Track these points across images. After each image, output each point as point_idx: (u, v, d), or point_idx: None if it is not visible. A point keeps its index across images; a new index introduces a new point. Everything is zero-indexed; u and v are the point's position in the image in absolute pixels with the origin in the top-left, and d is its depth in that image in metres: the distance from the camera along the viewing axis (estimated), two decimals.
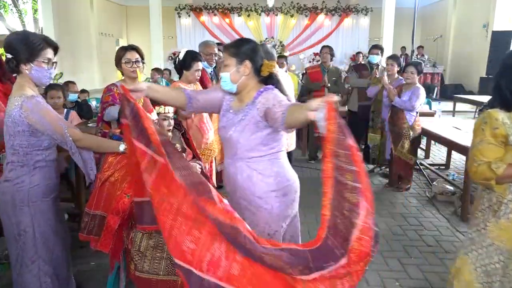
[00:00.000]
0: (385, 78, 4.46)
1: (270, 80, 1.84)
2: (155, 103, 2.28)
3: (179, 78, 3.24)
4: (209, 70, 4.18)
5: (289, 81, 4.03)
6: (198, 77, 3.20)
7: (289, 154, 3.47)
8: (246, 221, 1.79)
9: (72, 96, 4.38)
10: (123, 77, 2.66)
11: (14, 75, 1.98)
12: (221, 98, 1.94)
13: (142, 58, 2.60)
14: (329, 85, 5.23)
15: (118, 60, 2.58)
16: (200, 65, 3.13)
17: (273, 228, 1.87)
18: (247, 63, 1.78)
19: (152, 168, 1.61)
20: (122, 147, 2.02)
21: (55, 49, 1.97)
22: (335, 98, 1.40)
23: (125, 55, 2.55)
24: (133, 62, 2.53)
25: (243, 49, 1.79)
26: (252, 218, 1.83)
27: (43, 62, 1.90)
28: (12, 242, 2.01)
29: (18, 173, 1.94)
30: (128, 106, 1.67)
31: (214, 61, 4.14)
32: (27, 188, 1.95)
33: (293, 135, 3.52)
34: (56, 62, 2.00)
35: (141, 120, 1.62)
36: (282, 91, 1.83)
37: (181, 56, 3.09)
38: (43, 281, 2.05)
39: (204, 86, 3.73)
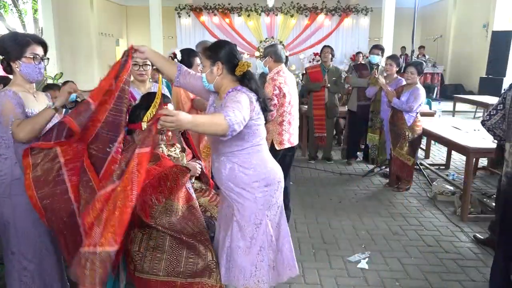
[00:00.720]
0: (381, 79, 4.47)
1: (244, 79, 1.94)
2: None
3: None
4: None
5: (293, 80, 4.05)
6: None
7: (291, 149, 3.44)
8: (237, 214, 1.93)
9: (71, 96, 4.36)
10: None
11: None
12: (208, 90, 2.07)
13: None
14: (329, 85, 5.24)
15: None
16: (198, 60, 3.14)
17: (259, 217, 1.99)
18: (219, 64, 1.92)
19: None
20: (49, 104, 2.03)
21: (43, 46, 2.03)
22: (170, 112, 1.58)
23: (134, 58, 2.54)
24: (140, 65, 2.53)
25: (215, 51, 1.94)
26: (241, 210, 1.99)
27: (30, 58, 1.95)
28: (1, 232, 2.07)
29: (2, 165, 1.99)
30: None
31: None
32: (9, 181, 1.99)
33: (293, 130, 3.47)
34: (48, 59, 2.05)
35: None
36: (255, 90, 1.93)
37: (178, 56, 3.08)
38: (23, 274, 2.07)
39: None
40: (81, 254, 1.61)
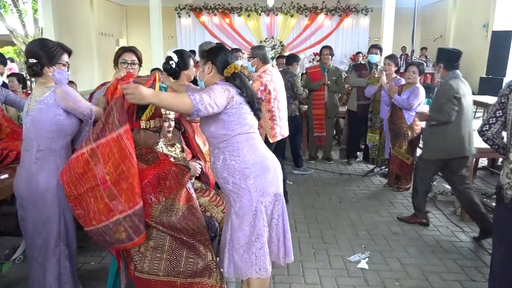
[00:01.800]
0: (383, 77, 4.48)
1: (233, 79, 2.06)
2: None
3: (176, 79, 3.14)
4: None
5: (280, 77, 4.08)
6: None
7: (280, 142, 3.72)
8: (234, 204, 2.05)
9: None
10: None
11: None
12: None
13: (139, 60, 2.64)
14: (329, 83, 5.24)
15: (116, 59, 2.64)
16: (191, 61, 3.13)
17: (253, 204, 2.02)
18: (210, 64, 2.08)
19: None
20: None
21: (69, 54, 2.23)
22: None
23: (122, 55, 2.60)
24: (128, 63, 2.58)
25: (208, 53, 2.13)
26: (236, 200, 2.03)
27: (62, 64, 2.16)
28: (42, 226, 2.13)
29: (46, 159, 2.10)
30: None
31: None
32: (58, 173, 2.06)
33: (283, 123, 3.65)
34: (69, 64, 2.23)
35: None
36: (239, 86, 2.03)
37: (175, 58, 2.98)
38: (62, 265, 2.19)
39: None
40: (112, 222, 1.92)
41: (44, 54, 2.09)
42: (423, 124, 4.33)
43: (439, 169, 3.48)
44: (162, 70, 2.90)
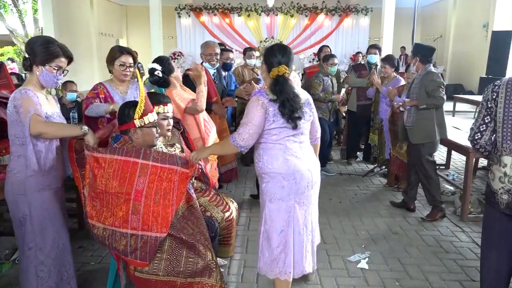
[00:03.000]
0: (376, 79, 4.52)
1: (275, 82, 2.14)
2: (155, 103, 2.28)
3: (168, 87, 3.06)
4: (212, 71, 4.16)
5: (297, 78, 4.17)
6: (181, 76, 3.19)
7: None
8: (260, 197, 2.31)
9: (70, 95, 4.38)
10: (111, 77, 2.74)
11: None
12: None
13: (135, 63, 2.69)
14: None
15: (112, 60, 2.66)
16: (174, 64, 3.15)
17: (265, 200, 2.22)
18: (264, 64, 2.23)
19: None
20: (84, 128, 2.08)
21: (69, 59, 2.12)
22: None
23: (120, 58, 2.64)
24: (127, 66, 2.60)
25: (264, 52, 2.24)
26: (261, 194, 2.29)
27: (53, 68, 2.04)
28: (17, 228, 2.12)
29: (16, 163, 2.04)
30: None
31: (215, 61, 4.06)
32: (23, 178, 2.03)
33: None
34: (67, 71, 2.12)
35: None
36: (279, 97, 2.11)
37: (158, 68, 2.94)
38: (39, 269, 2.12)
39: (208, 87, 3.73)
40: (120, 232, 1.96)
41: (38, 52, 2.01)
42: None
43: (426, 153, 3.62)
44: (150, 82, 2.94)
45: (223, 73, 4.36)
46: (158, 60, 3.05)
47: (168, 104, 2.37)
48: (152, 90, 2.90)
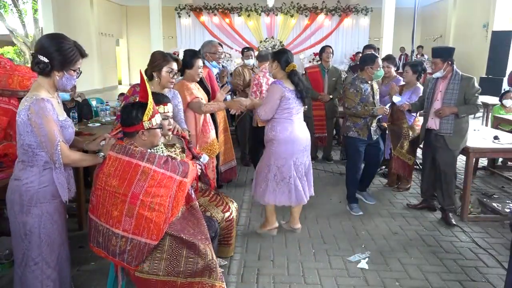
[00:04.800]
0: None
1: (291, 74, 3.09)
2: (156, 103, 2.28)
3: (182, 77, 3.27)
4: (216, 70, 4.22)
5: None
6: (201, 75, 3.25)
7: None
8: (264, 151, 3.27)
9: (63, 96, 4.31)
10: (155, 81, 2.71)
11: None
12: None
13: (178, 69, 2.75)
14: (331, 97, 5.28)
15: (160, 67, 2.65)
16: (200, 62, 3.18)
17: (270, 158, 3.15)
18: (276, 62, 3.11)
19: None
20: (101, 155, 2.06)
21: (84, 57, 2.03)
22: None
23: (168, 65, 2.66)
24: (175, 73, 2.67)
25: (275, 53, 3.19)
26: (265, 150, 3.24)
27: (73, 70, 1.96)
28: (18, 241, 2.01)
29: (28, 173, 1.94)
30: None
31: (221, 59, 4.27)
32: (36, 189, 1.94)
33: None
34: (81, 71, 2.05)
35: None
36: (296, 83, 3.08)
37: (180, 56, 3.11)
38: (45, 284, 2.05)
39: (211, 85, 3.79)
40: (112, 231, 1.98)
41: (59, 57, 1.89)
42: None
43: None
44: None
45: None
46: (189, 52, 3.20)
47: (168, 104, 2.38)
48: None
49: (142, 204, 1.95)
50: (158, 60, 2.67)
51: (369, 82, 3.74)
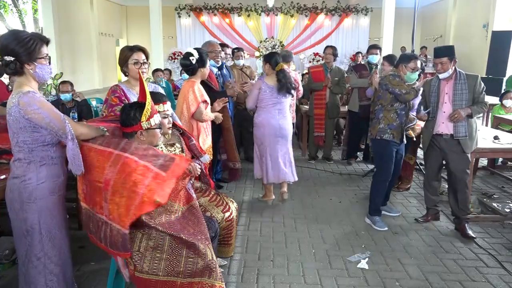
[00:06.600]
0: (375, 80, 4.48)
1: (279, 73, 3.82)
2: (155, 102, 2.28)
3: (191, 76, 3.34)
4: (215, 69, 4.26)
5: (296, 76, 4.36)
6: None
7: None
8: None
9: (64, 96, 4.30)
10: (126, 78, 2.66)
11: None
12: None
13: (147, 59, 2.60)
14: (331, 86, 5.24)
15: (124, 61, 2.55)
16: (208, 61, 3.39)
17: (256, 139, 4.02)
18: (267, 64, 3.88)
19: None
20: (104, 129, 2.13)
21: (47, 43, 2.00)
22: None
23: (132, 56, 2.53)
24: (141, 63, 2.53)
25: (266, 56, 3.94)
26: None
27: (43, 58, 1.94)
28: (20, 238, 2.04)
29: (25, 170, 1.97)
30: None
31: (220, 59, 4.31)
32: (34, 185, 1.97)
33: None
34: (50, 57, 2.03)
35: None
36: (280, 79, 3.80)
37: (195, 55, 3.21)
38: (49, 279, 2.08)
39: (213, 84, 3.86)
40: (98, 217, 1.99)
41: (21, 50, 1.86)
42: (423, 124, 4.32)
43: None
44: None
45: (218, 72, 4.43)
46: (199, 50, 3.29)
47: (167, 102, 2.37)
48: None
49: (112, 189, 1.92)
50: (123, 54, 2.56)
51: (403, 80, 3.44)
